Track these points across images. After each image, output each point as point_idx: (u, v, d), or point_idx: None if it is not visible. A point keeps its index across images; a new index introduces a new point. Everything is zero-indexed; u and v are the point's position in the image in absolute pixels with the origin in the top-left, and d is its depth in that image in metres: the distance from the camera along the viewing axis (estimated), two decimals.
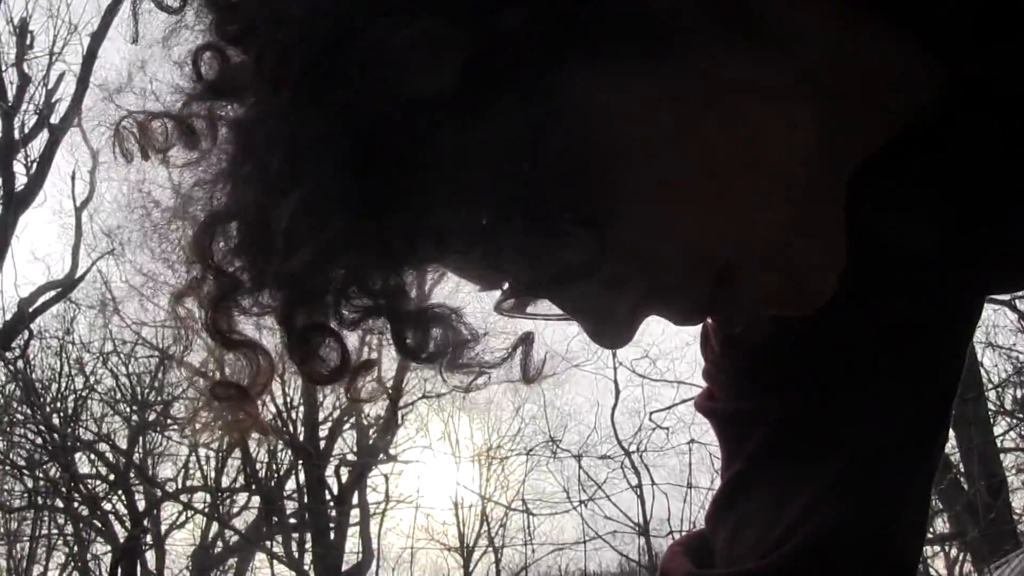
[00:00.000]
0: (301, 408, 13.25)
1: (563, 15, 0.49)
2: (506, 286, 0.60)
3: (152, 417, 12.63)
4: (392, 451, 13.23)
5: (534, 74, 0.50)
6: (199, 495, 13.21)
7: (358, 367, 0.57)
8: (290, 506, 12.81)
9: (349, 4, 0.49)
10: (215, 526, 12.91)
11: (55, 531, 12.44)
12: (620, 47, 0.51)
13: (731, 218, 0.53)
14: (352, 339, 0.56)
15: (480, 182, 0.51)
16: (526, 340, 0.60)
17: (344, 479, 12.84)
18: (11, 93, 11.96)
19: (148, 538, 12.33)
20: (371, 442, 13.24)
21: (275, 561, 12.74)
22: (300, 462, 12.80)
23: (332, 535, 12.23)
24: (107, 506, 12.21)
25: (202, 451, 12.90)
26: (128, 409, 12.72)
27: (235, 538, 12.86)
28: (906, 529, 0.74)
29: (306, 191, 0.50)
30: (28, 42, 12.25)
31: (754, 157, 0.53)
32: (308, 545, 12.57)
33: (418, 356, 0.55)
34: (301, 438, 12.84)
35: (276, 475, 13.34)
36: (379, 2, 0.49)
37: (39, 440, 11.79)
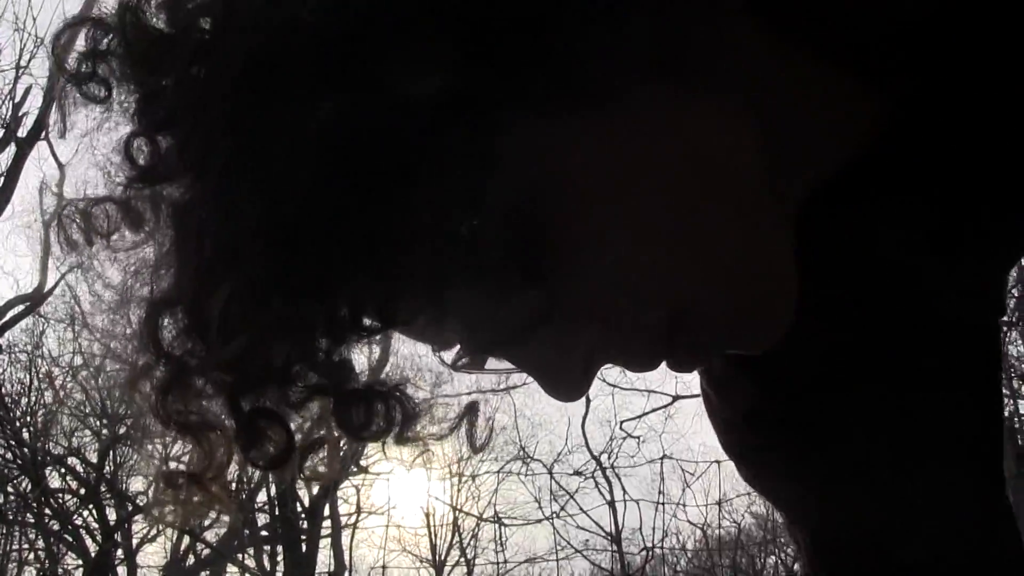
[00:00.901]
0: None
1: (503, 74, 0.49)
2: (457, 346, 0.60)
3: (122, 431, 12.58)
4: (363, 462, 13.24)
5: (477, 132, 0.49)
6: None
7: (308, 446, 0.57)
8: (261, 519, 12.80)
9: (270, 88, 0.49)
10: (186, 539, 12.87)
11: (26, 546, 12.35)
12: (560, 101, 0.51)
13: (681, 261, 0.53)
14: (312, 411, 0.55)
15: (422, 248, 0.50)
16: (471, 410, 0.60)
17: (315, 491, 12.85)
18: None
19: (119, 552, 12.28)
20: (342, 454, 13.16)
21: (247, 574, 12.72)
22: (271, 474, 12.69)
23: (304, 548, 12.21)
24: (78, 520, 12.14)
25: (172, 464, 12.82)
26: (98, 423, 12.67)
27: (207, 551, 12.82)
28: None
29: (239, 276, 0.49)
30: None
31: (700, 199, 0.53)
32: (280, 558, 12.57)
33: (361, 435, 0.55)
34: None
35: (247, 487, 13.30)
36: (301, 81, 0.49)
37: (8, 455, 11.72)
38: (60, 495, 12.13)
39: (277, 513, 12.52)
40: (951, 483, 0.69)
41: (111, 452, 12.41)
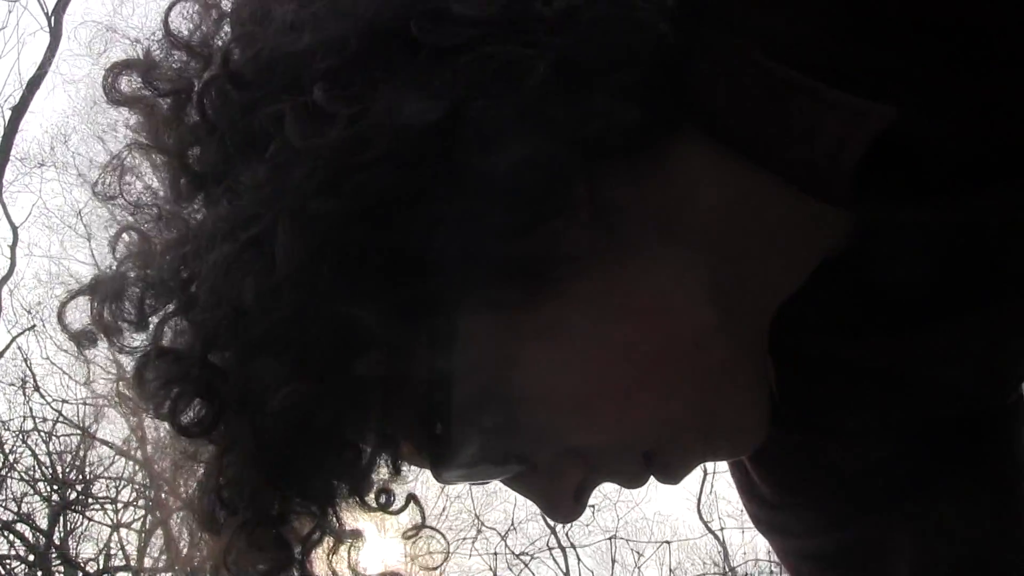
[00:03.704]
0: None
1: (446, 280, 0.51)
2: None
3: (73, 496, 12.48)
4: None
5: (434, 340, 0.53)
6: (121, 575, 13.03)
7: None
8: None
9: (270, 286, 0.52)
10: None
11: None
12: (509, 294, 0.53)
13: (644, 411, 0.56)
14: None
15: (400, 448, 0.57)
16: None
17: None
18: None
19: None
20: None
21: None
22: None
23: None
24: None
25: (123, 531, 12.76)
26: (48, 488, 12.55)
27: None
28: None
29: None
30: None
31: (656, 350, 0.55)
32: None
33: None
34: None
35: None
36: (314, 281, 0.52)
37: None
38: (8, 561, 11.97)
39: None
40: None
41: (61, 518, 12.28)
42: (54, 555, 11.76)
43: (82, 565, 11.99)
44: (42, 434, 12.35)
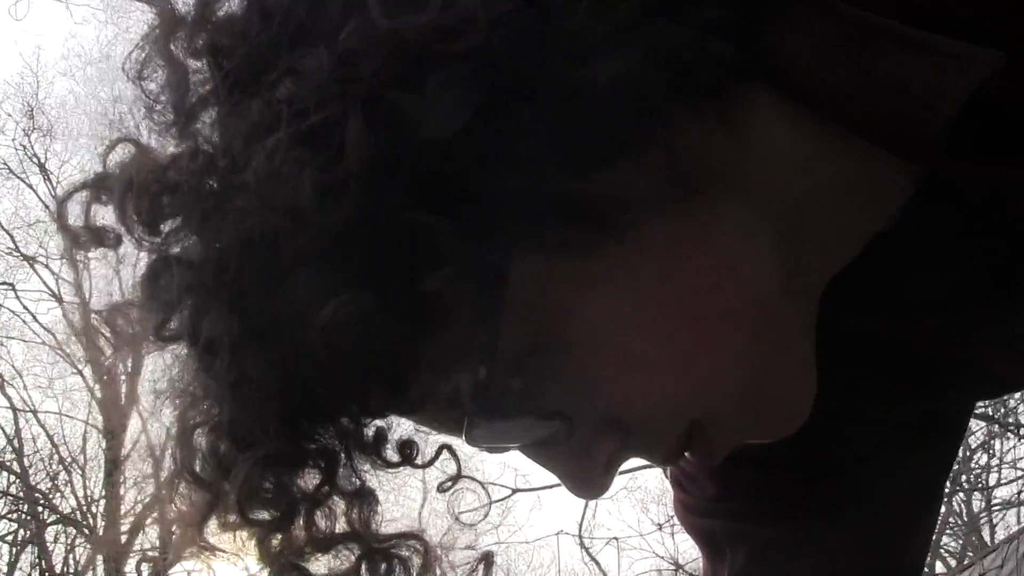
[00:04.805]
0: (101, 501, 12.78)
1: (509, 213, 0.48)
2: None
3: None
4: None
5: (488, 274, 0.49)
6: None
7: None
8: None
9: (272, 271, 0.49)
10: None
11: None
12: (569, 236, 0.49)
13: (700, 376, 0.53)
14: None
15: (440, 391, 0.51)
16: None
17: (145, 575, 12.37)
18: None
19: None
20: (174, 537, 12.83)
21: None
22: (99, 557, 12.30)
23: None
24: None
25: None
26: None
27: None
28: None
29: (258, 441, 0.51)
30: None
31: (719, 312, 0.52)
32: None
33: None
34: (101, 532, 12.35)
35: (74, 570, 12.78)
36: (304, 265, 0.48)
37: None
38: None
39: None
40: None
41: None
42: None
43: None
44: None
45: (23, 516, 12.98)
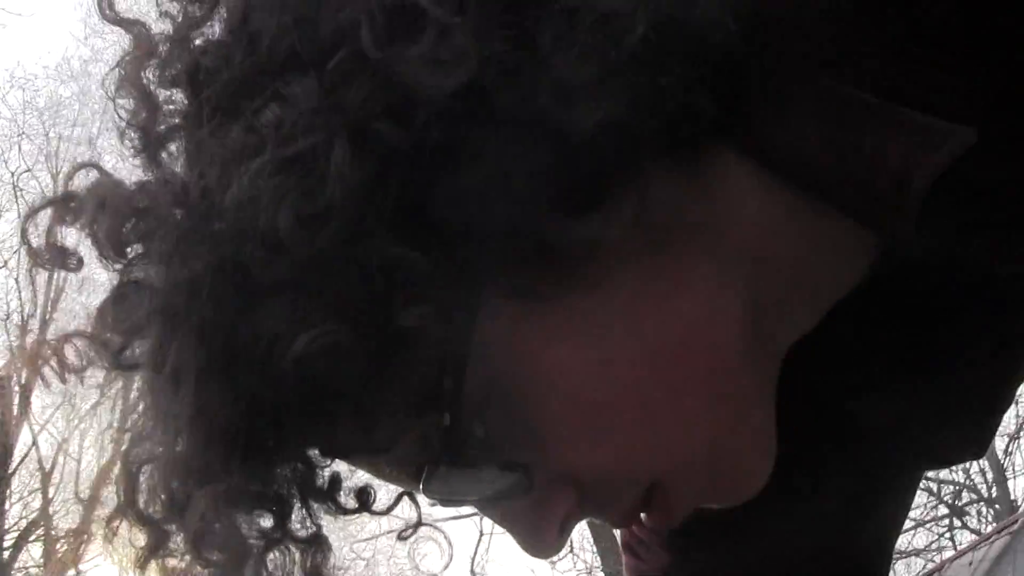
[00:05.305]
0: None
1: (484, 253, 0.47)
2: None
3: None
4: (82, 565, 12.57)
5: (459, 315, 0.48)
6: None
7: None
8: None
9: (243, 298, 0.47)
10: None
11: None
12: (540, 282, 0.48)
13: (661, 435, 0.51)
14: None
15: (403, 433, 0.50)
16: None
17: None
18: None
19: None
20: (60, 556, 12.57)
21: None
22: None
23: None
24: None
25: None
26: None
27: None
28: None
29: (214, 474, 0.49)
30: None
31: (683, 371, 0.51)
32: None
33: None
34: None
35: None
36: (276, 295, 0.47)
37: None
38: None
39: None
40: None
41: None
42: None
43: None
44: None
45: None
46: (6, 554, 12.21)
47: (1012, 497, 10.76)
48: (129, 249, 0.50)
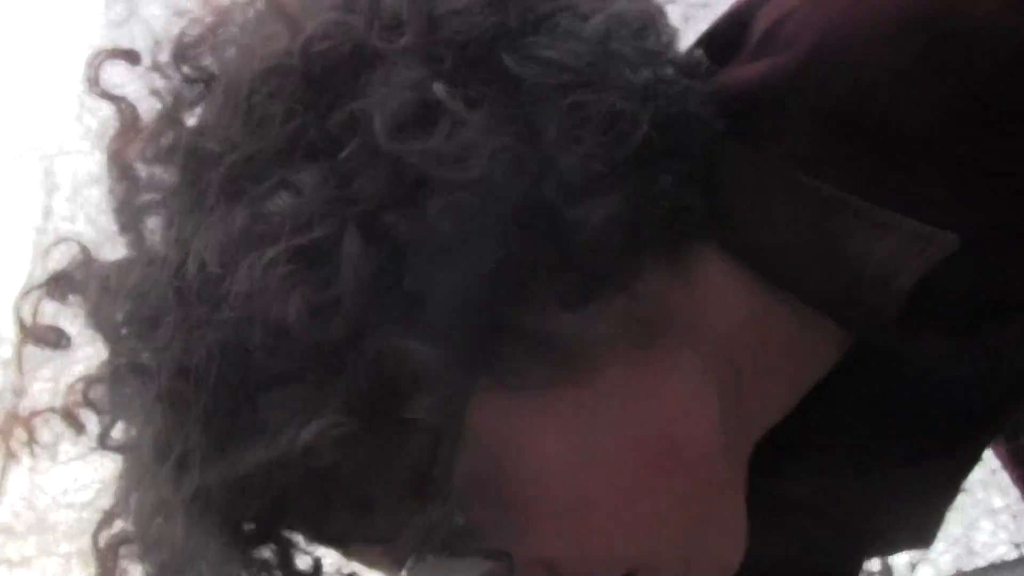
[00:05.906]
0: None
1: (469, 347, 0.47)
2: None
3: None
4: None
5: (440, 409, 0.47)
6: None
7: None
8: None
9: (247, 392, 0.47)
10: None
11: None
12: (531, 371, 0.48)
13: (640, 524, 0.51)
14: None
15: (390, 522, 0.49)
16: None
17: None
18: None
19: None
20: None
21: None
22: None
23: None
24: None
25: None
26: None
27: None
28: None
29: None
30: None
31: (666, 461, 0.51)
32: None
33: None
34: None
35: None
36: (284, 388, 0.47)
37: None
38: None
39: None
40: None
41: None
42: None
43: None
44: None
45: None
46: None
47: None
48: (123, 330, 0.50)
